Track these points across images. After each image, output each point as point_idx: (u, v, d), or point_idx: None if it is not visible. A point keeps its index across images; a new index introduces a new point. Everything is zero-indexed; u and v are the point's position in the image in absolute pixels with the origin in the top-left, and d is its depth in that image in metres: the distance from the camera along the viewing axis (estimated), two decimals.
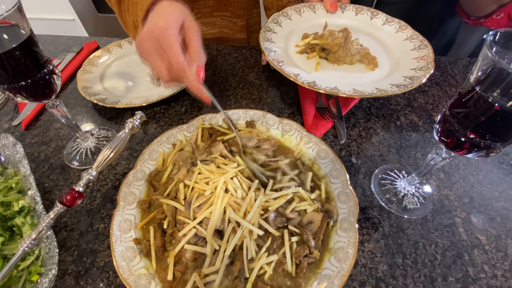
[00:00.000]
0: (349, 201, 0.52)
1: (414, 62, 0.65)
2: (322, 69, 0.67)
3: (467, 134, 0.39)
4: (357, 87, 0.59)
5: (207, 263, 0.45)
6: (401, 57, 0.68)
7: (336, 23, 0.77)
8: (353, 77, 0.65)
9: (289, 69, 0.62)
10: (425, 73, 0.59)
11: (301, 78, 0.59)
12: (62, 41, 1.01)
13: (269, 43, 0.68)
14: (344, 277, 0.43)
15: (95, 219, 0.56)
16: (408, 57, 0.67)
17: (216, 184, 0.49)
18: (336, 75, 0.65)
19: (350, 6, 0.79)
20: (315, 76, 0.63)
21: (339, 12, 0.79)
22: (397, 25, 0.74)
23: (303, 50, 0.70)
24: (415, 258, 0.51)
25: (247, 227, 0.45)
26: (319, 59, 0.68)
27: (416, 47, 0.68)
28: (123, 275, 0.44)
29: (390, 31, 0.74)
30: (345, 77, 0.64)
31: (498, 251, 0.52)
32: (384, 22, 0.76)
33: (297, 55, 0.70)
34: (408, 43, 0.70)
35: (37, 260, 0.48)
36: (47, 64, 0.50)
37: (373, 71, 0.66)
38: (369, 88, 0.58)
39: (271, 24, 0.74)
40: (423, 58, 0.64)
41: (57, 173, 0.64)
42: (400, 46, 0.70)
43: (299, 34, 0.73)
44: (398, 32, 0.73)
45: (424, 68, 0.61)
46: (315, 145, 0.61)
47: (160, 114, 0.76)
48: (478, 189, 0.61)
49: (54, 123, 0.74)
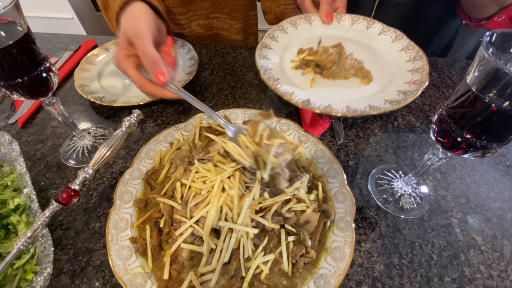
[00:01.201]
0: (346, 200, 0.52)
1: (408, 75, 0.64)
2: (316, 85, 0.65)
3: (463, 134, 0.39)
4: (351, 104, 0.58)
5: (203, 262, 0.45)
6: (396, 69, 0.67)
7: (332, 35, 0.76)
8: (347, 93, 0.64)
9: (284, 87, 0.61)
10: (418, 87, 0.58)
11: (296, 97, 0.58)
12: (60, 39, 1.01)
13: (265, 61, 0.68)
14: (340, 277, 0.43)
15: (91, 217, 0.56)
16: (403, 70, 0.66)
17: (213, 183, 0.49)
18: (330, 91, 0.64)
19: (346, 16, 0.78)
20: (310, 93, 0.62)
21: (335, 22, 0.78)
22: (393, 34, 0.73)
23: (298, 65, 0.69)
24: (412, 258, 0.51)
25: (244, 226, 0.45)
26: (314, 74, 0.68)
27: (411, 58, 0.67)
28: (119, 274, 0.44)
29: (386, 41, 0.73)
30: (339, 93, 0.63)
31: (494, 251, 0.52)
32: (380, 32, 0.75)
33: (292, 71, 0.69)
34: (404, 54, 0.69)
35: (32, 258, 0.47)
36: (44, 61, 0.50)
37: (367, 85, 0.65)
38: (362, 105, 0.58)
39: (267, 40, 0.73)
40: (418, 70, 0.63)
41: (53, 171, 0.63)
42: (395, 58, 0.69)
43: (295, 48, 0.72)
44: (394, 42, 0.72)
45: (418, 81, 0.60)
46: (312, 145, 0.61)
47: (158, 113, 0.76)
48: (474, 190, 0.61)
49: (50, 121, 0.74)
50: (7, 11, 0.43)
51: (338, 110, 0.56)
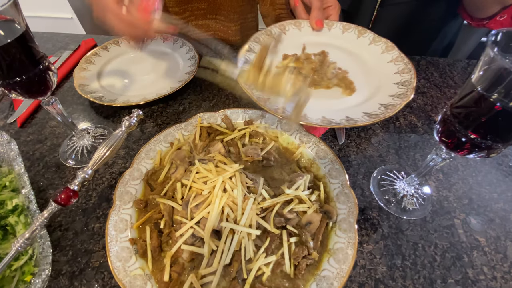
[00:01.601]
0: (349, 201, 0.51)
1: (394, 88, 0.62)
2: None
3: (468, 134, 0.38)
4: (328, 114, 0.56)
5: (204, 264, 0.44)
6: (382, 81, 0.65)
7: (320, 42, 0.74)
8: (326, 103, 0.61)
9: (260, 95, 0.58)
10: (402, 101, 0.56)
11: (271, 104, 0.56)
12: (59, 39, 1.00)
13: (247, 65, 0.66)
14: (343, 279, 0.43)
15: (91, 218, 0.55)
16: (389, 82, 0.64)
17: (214, 184, 0.48)
18: (310, 101, 0.63)
19: (338, 24, 0.77)
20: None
21: (326, 29, 0.77)
22: (383, 45, 0.71)
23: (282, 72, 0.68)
24: (414, 260, 0.51)
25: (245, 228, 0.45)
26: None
27: (399, 71, 0.65)
28: (118, 275, 0.43)
29: (376, 52, 0.72)
30: (317, 103, 0.60)
31: (497, 252, 0.52)
32: (371, 42, 0.73)
33: None
34: (392, 66, 0.67)
35: (31, 260, 0.47)
36: (43, 60, 0.49)
37: (350, 96, 0.63)
38: (339, 116, 0.55)
39: (252, 44, 0.71)
40: (404, 84, 0.61)
41: (52, 171, 0.63)
42: (383, 69, 0.67)
43: (281, 54, 0.70)
44: (384, 53, 0.70)
45: (402, 95, 0.58)
46: (314, 145, 0.60)
47: (158, 112, 0.75)
48: (477, 191, 0.60)
49: (49, 121, 0.73)
50: (6, 9, 0.43)
51: (312, 120, 0.55)
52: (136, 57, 0.90)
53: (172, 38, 0.93)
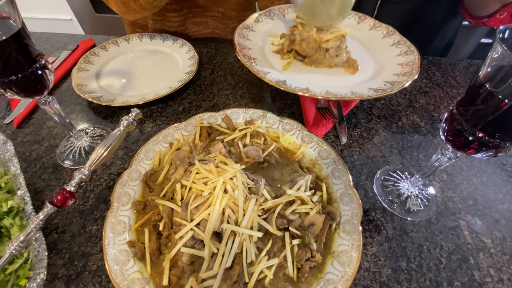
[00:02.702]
0: (352, 202, 0.50)
1: (398, 68, 0.62)
2: (298, 71, 0.63)
3: (475, 133, 0.37)
4: (332, 89, 0.55)
5: (204, 267, 0.43)
6: (386, 61, 0.65)
7: None
8: (329, 79, 0.61)
9: (260, 67, 0.59)
10: (408, 79, 0.56)
11: (271, 76, 0.57)
12: (58, 39, 0.99)
13: (244, 40, 0.66)
14: (348, 282, 0.41)
15: (88, 220, 0.54)
16: (393, 63, 0.64)
17: (215, 185, 0.47)
18: (311, 76, 0.61)
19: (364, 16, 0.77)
20: (288, 75, 0.60)
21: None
22: (384, 30, 0.72)
23: (279, 51, 0.67)
24: (420, 262, 0.50)
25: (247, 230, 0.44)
26: (293, 59, 0.66)
27: (402, 53, 0.65)
28: (116, 279, 0.42)
29: (377, 36, 0.72)
30: (320, 78, 0.60)
31: (503, 254, 0.51)
32: (371, 27, 0.74)
33: (273, 55, 0.67)
34: (395, 49, 0.67)
35: (26, 263, 0.45)
36: (39, 58, 0.48)
37: (353, 74, 0.63)
38: (344, 91, 0.55)
39: (250, 21, 0.71)
40: (408, 64, 0.61)
41: (49, 172, 0.61)
42: (385, 51, 0.68)
43: (279, 33, 0.71)
44: (385, 37, 0.71)
45: (407, 73, 0.58)
46: (316, 145, 0.59)
47: (157, 113, 0.74)
48: (482, 191, 0.59)
49: (47, 121, 0.72)
50: (1, 6, 0.42)
51: (316, 92, 0.54)
52: (135, 57, 0.89)
53: (172, 38, 0.92)
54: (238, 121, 0.65)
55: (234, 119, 0.65)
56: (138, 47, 0.92)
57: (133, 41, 0.92)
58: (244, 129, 0.62)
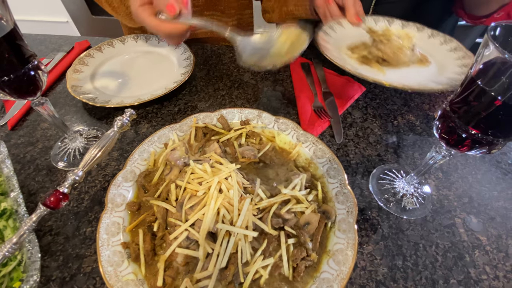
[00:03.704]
0: (348, 201, 0.50)
1: (458, 69, 0.68)
2: (388, 73, 0.70)
3: (468, 130, 0.38)
4: (422, 81, 0.64)
5: (199, 267, 0.43)
6: (446, 63, 0.72)
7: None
8: (413, 73, 0.69)
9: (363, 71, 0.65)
10: None
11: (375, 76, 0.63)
12: (53, 40, 0.99)
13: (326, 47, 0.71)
14: (343, 281, 0.41)
15: (82, 222, 0.54)
16: (453, 64, 0.70)
17: (210, 184, 0.47)
18: (402, 75, 0.68)
19: (397, 21, 0.82)
20: (387, 76, 0.67)
21: (373, 23, 0.82)
22: (442, 38, 0.78)
23: (363, 59, 0.72)
24: (416, 260, 0.50)
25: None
26: (379, 66, 0.71)
27: (460, 57, 0.71)
28: (110, 281, 0.41)
29: (435, 43, 0.78)
30: (407, 74, 0.68)
31: (499, 251, 0.51)
32: (430, 36, 0.79)
33: (353, 61, 0.73)
34: (453, 54, 0.74)
35: (19, 265, 0.45)
36: (32, 59, 0.48)
37: (427, 66, 0.70)
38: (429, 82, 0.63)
39: (327, 29, 0.78)
40: (467, 65, 0.67)
41: (43, 174, 0.61)
42: (445, 55, 0.74)
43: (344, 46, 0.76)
44: (442, 44, 0.77)
45: None
46: (312, 144, 0.59)
47: (153, 114, 0.74)
48: (477, 189, 0.60)
49: (41, 123, 0.72)
50: None
51: (411, 85, 0.61)
52: (131, 58, 0.89)
53: None
54: (234, 121, 0.65)
55: (230, 119, 0.65)
56: (133, 48, 0.91)
57: (128, 42, 0.92)
58: (239, 129, 0.62)
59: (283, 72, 0.87)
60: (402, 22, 0.81)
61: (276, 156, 0.60)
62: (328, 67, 0.87)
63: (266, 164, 0.58)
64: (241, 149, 0.58)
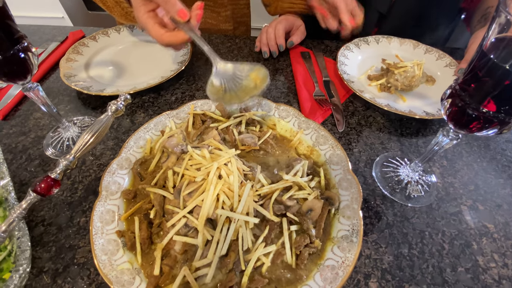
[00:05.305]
0: (352, 187, 0.48)
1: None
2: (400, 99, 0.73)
3: (479, 108, 0.36)
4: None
5: (198, 255, 0.41)
6: (443, 76, 0.77)
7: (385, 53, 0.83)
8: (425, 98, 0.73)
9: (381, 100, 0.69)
10: None
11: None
12: (47, 31, 0.96)
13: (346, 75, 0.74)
14: (349, 268, 0.40)
15: (76, 212, 0.52)
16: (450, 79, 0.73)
17: (209, 170, 0.45)
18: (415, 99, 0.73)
19: (395, 39, 0.86)
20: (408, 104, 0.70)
21: (386, 43, 0.86)
22: (436, 53, 0.81)
23: (381, 86, 0.75)
24: (422, 248, 0.48)
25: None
26: (396, 91, 0.73)
27: (455, 72, 0.75)
28: (104, 270, 0.39)
29: (432, 59, 0.82)
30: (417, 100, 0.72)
31: (507, 239, 0.49)
32: (426, 51, 0.83)
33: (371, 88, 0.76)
34: (448, 70, 0.78)
35: (10, 256, 0.43)
36: (22, 40, 0.45)
37: (433, 85, 0.75)
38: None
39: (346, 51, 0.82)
40: None
41: (36, 164, 0.59)
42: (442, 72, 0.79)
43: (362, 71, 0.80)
44: (438, 60, 0.81)
45: None
46: (313, 131, 0.57)
47: (149, 103, 0.72)
48: (482, 176, 0.58)
49: (34, 112, 0.69)
50: None
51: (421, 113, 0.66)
52: (127, 48, 0.86)
53: None
54: (233, 108, 0.63)
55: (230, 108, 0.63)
56: (129, 38, 0.89)
57: (123, 31, 0.89)
58: (239, 116, 0.60)
59: (283, 61, 0.85)
60: (400, 39, 0.86)
61: (277, 144, 0.58)
62: (329, 57, 0.86)
63: (267, 152, 0.56)
64: (241, 137, 0.56)
